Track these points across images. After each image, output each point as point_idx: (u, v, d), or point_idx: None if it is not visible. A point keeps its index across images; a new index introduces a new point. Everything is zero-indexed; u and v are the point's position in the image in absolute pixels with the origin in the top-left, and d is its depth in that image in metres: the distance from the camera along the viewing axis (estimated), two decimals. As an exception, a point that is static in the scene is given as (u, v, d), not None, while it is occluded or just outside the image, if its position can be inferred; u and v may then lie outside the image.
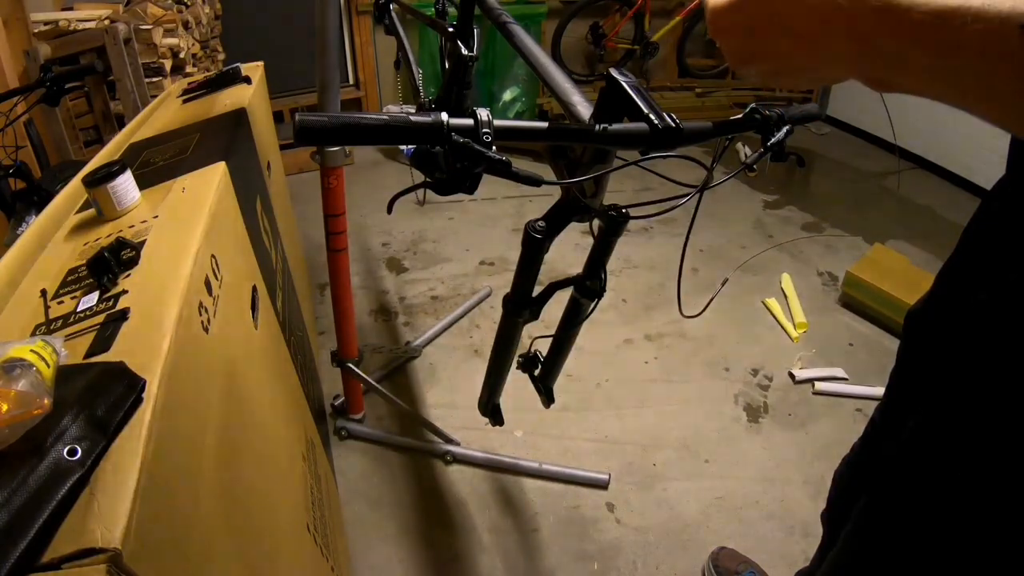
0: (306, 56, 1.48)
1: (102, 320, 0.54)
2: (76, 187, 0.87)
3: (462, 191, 0.60)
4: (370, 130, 0.52)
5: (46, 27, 1.88)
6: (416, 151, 0.59)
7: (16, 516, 0.34)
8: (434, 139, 0.54)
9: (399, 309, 2.10)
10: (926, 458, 0.59)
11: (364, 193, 2.85)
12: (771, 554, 1.31)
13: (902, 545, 0.62)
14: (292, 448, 0.89)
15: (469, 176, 0.57)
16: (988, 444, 0.52)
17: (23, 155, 1.39)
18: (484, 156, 0.53)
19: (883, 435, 0.76)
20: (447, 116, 0.53)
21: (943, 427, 0.57)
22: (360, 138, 0.52)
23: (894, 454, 0.66)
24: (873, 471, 0.75)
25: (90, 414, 0.41)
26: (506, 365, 1.08)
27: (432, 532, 1.36)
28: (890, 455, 0.68)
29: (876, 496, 0.67)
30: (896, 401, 0.72)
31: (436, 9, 1.52)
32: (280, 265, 1.20)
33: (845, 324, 2.03)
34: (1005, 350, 0.50)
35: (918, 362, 0.66)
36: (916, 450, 0.61)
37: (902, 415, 0.69)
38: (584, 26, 3.47)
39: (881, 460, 0.72)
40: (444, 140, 0.54)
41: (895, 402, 0.73)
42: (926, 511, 0.60)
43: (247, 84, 1.29)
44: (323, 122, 0.50)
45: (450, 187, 0.60)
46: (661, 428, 1.63)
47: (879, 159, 3.14)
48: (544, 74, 0.81)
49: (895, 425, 0.72)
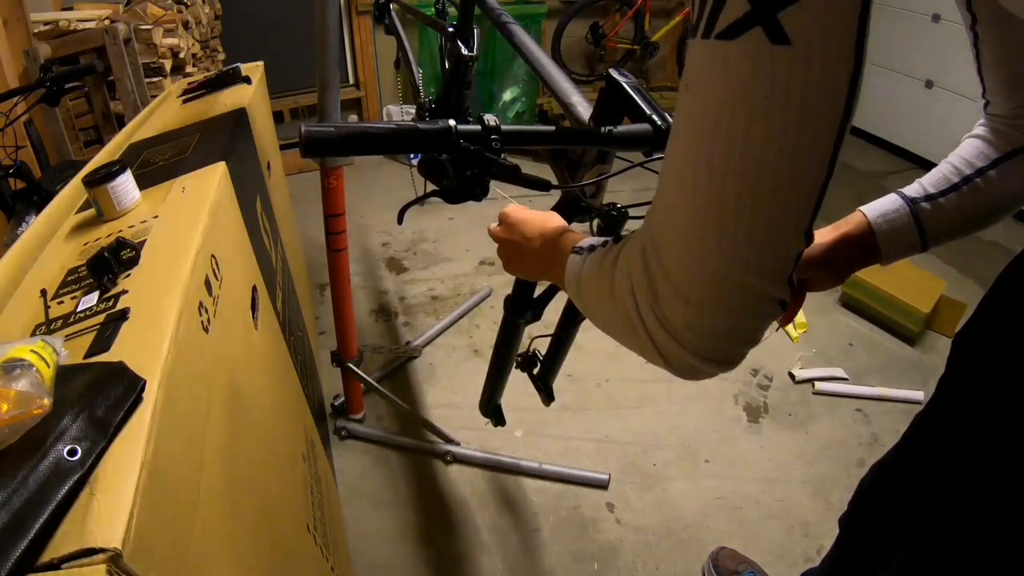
0: (306, 56, 1.48)
1: (102, 320, 0.54)
2: (76, 187, 0.87)
3: (472, 199, 0.59)
4: (377, 140, 0.51)
5: (46, 27, 1.88)
6: (423, 158, 0.58)
7: (16, 516, 0.34)
8: (442, 147, 0.53)
9: (399, 309, 2.10)
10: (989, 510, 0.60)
11: (364, 193, 2.85)
12: (771, 554, 1.31)
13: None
14: (292, 448, 0.89)
15: (479, 183, 0.57)
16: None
17: (23, 155, 1.39)
18: (495, 163, 0.53)
19: (927, 454, 0.76)
20: (455, 123, 0.53)
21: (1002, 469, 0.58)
22: (367, 148, 0.51)
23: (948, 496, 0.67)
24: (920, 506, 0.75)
25: (90, 414, 0.41)
26: (507, 366, 1.08)
27: (432, 532, 1.36)
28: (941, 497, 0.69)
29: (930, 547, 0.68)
30: (942, 421, 0.72)
31: (436, 9, 1.52)
32: (280, 265, 1.20)
33: (845, 324, 2.03)
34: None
35: (967, 383, 0.67)
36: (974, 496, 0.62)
37: (946, 434, 0.69)
38: (584, 26, 3.47)
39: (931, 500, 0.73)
40: (453, 147, 0.53)
41: (941, 422, 0.73)
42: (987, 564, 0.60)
43: (247, 84, 1.29)
44: (329, 133, 0.49)
45: (460, 195, 0.59)
46: (661, 428, 1.63)
47: (879, 159, 3.14)
48: (544, 74, 0.81)
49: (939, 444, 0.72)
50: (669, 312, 0.35)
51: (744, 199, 0.31)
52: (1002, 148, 0.60)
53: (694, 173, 0.32)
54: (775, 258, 0.33)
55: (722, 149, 0.31)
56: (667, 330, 0.36)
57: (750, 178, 0.30)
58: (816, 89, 0.29)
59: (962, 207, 0.61)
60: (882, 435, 1.62)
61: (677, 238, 0.34)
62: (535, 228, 0.60)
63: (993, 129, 0.61)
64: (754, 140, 0.30)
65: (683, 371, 0.38)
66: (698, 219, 0.33)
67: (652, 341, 0.37)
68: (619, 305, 0.40)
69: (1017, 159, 0.59)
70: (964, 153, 0.62)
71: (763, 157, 0.30)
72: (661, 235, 0.35)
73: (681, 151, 0.33)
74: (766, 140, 0.30)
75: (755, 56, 0.28)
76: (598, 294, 0.43)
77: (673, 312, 0.35)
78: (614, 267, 0.41)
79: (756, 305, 0.34)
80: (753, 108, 0.29)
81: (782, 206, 0.31)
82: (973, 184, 0.61)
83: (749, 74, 0.29)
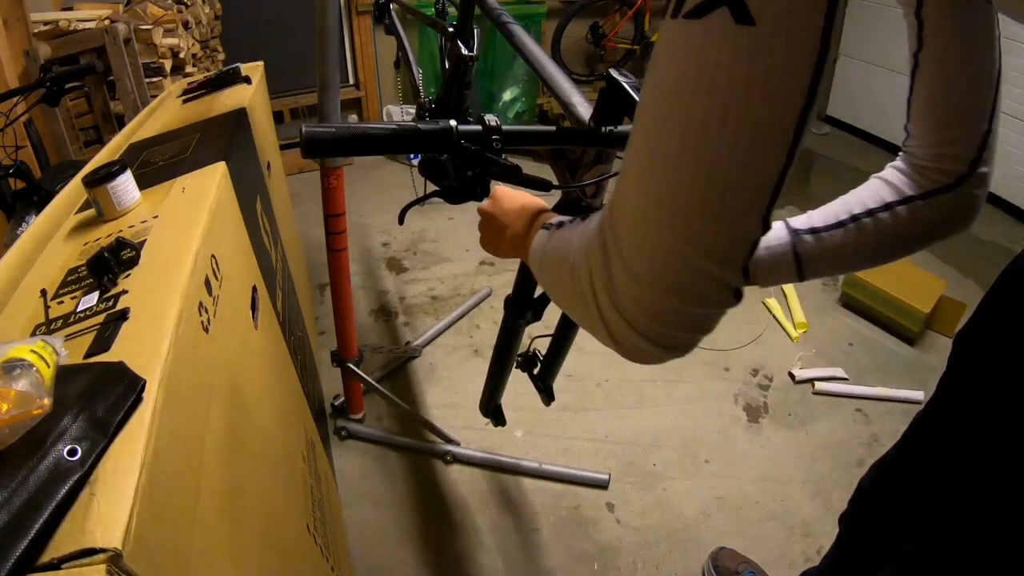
0: (306, 56, 1.48)
1: (102, 320, 0.54)
2: (76, 187, 0.87)
3: (472, 199, 0.59)
4: (378, 140, 0.51)
5: (46, 27, 1.88)
6: (424, 159, 0.58)
7: (16, 516, 0.34)
8: (443, 147, 0.53)
9: (399, 309, 2.10)
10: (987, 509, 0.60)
11: (364, 193, 2.85)
12: (771, 554, 1.31)
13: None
14: (292, 448, 0.89)
15: (480, 183, 0.57)
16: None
17: (23, 155, 1.39)
18: (496, 163, 0.53)
19: (926, 454, 0.76)
20: (456, 123, 0.53)
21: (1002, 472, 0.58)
22: (368, 148, 0.51)
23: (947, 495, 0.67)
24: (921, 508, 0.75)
25: (90, 414, 0.41)
26: (508, 367, 1.08)
27: (432, 532, 1.36)
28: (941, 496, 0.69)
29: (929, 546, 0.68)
30: (942, 420, 0.72)
31: (436, 9, 1.52)
32: (280, 265, 1.20)
33: (845, 324, 2.03)
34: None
35: (967, 383, 0.67)
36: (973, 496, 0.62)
37: (947, 434, 0.69)
38: (584, 26, 3.47)
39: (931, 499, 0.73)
40: (454, 148, 0.53)
41: (941, 422, 0.73)
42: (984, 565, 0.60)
43: (247, 84, 1.29)
44: (330, 134, 0.49)
45: (461, 195, 0.59)
46: (661, 428, 1.63)
47: (879, 159, 3.12)
48: (544, 74, 0.81)
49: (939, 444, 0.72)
50: (621, 290, 0.35)
51: (699, 179, 0.31)
52: (924, 186, 0.58)
53: (652, 150, 0.32)
54: (729, 242, 0.32)
55: (680, 128, 0.31)
56: (618, 309, 0.36)
57: (706, 159, 0.30)
58: (778, 73, 0.28)
59: (845, 244, 0.61)
60: (882, 435, 1.62)
61: (632, 215, 0.34)
62: (516, 204, 0.61)
63: (913, 166, 0.59)
64: (712, 121, 0.29)
65: (631, 353, 0.38)
66: (652, 196, 0.32)
67: (603, 319, 0.37)
68: (576, 280, 0.39)
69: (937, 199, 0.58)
70: (861, 193, 0.61)
71: (720, 138, 0.30)
72: (619, 212, 0.35)
73: (641, 128, 0.33)
74: (723, 121, 0.29)
75: (719, 36, 0.28)
76: (559, 269, 0.43)
77: (625, 290, 0.35)
78: (576, 242, 0.41)
79: (706, 290, 0.33)
80: (713, 88, 0.29)
81: (738, 190, 0.31)
82: (861, 223, 0.60)
83: (712, 54, 0.29)
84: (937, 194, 0.58)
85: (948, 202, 0.57)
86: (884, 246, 0.60)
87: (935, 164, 0.57)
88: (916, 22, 0.54)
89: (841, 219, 0.61)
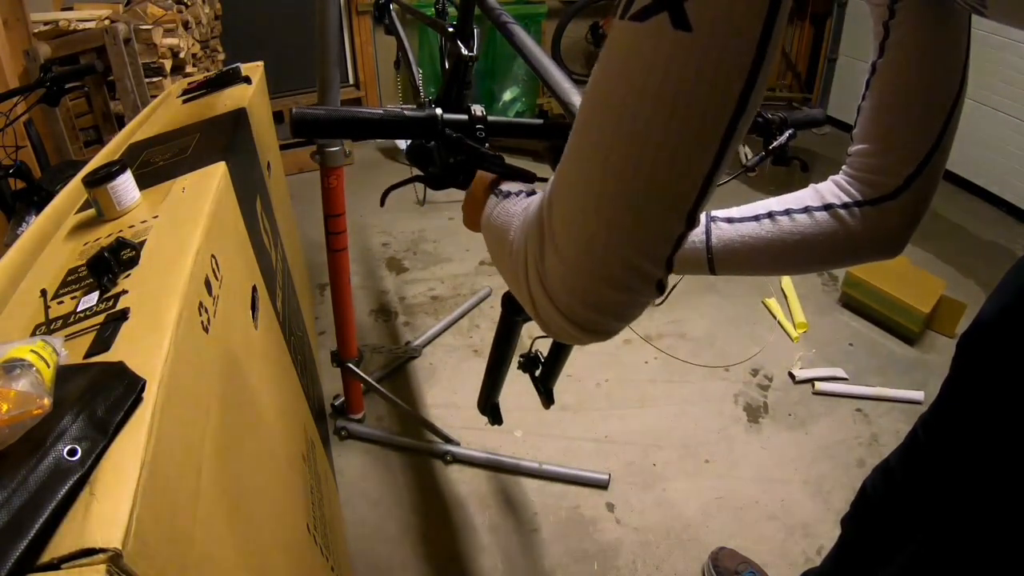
0: (306, 56, 1.48)
1: (102, 320, 0.54)
2: (76, 187, 0.87)
3: (455, 186, 0.61)
4: (365, 124, 0.52)
5: (46, 27, 1.88)
6: (411, 146, 0.60)
7: (16, 516, 0.34)
8: (428, 133, 0.54)
9: (399, 309, 2.10)
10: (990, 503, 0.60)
11: (364, 193, 2.85)
12: (771, 554, 1.31)
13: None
14: (292, 448, 0.89)
15: (463, 171, 0.58)
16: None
17: (23, 155, 1.39)
18: (477, 151, 0.54)
19: (931, 455, 0.76)
20: (441, 111, 0.54)
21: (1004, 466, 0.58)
22: (355, 131, 0.52)
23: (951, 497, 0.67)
24: (924, 507, 0.75)
25: (90, 414, 0.41)
26: (505, 364, 1.07)
27: (432, 532, 1.36)
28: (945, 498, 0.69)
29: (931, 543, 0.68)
30: (948, 423, 0.72)
31: (436, 9, 1.52)
32: (280, 265, 1.20)
33: (845, 324, 2.03)
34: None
35: (973, 386, 0.67)
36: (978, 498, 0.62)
37: (952, 436, 0.69)
38: (584, 26, 3.47)
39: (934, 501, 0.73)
40: (437, 134, 0.54)
41: (947, 424, 0.73)
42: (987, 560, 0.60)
43: (247, 84, 1.29)
44: (319, 115, 0.50)
45: (443, 182, 0.61)
46: (661, 428, 1.63)
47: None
48: (544, 74, 0.81)
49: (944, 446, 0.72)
50: (550, 271, 0.36)
51: (626, 175, 0.32)
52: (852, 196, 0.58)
53: (587, 142, 0.34)
54: (653, 235, 0.33)
55: (612, 124, 0.32)
56: (545, 288, 0.37)
57: (633, 156, 0.31)
58: (710, 79, 0.29)
59: (757, 237, 0.60)
60: (882, 435, 1.62)
61: (566, 200, 0.35)
62: (488, 177, 0.62)
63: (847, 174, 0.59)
64: (640, 120, 0.30)
65: (553, 331, 0.39)
66: (584, 185, 0.34)
67: (531, 295, 0.39)
68: (513, 253, 0.41)
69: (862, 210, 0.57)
70: (787, 195, 0.62)
71: (647, 138, 0.30)
72: (556, 196, 0.36)
73: (581, 118, 0.34)
74: (651, 122, 0.30)
75: (657, 39, 0.29)
76: (501, 239, 0.45)
77: (553, 269, 0.36)
78: (517, 222, 0.43)
79: (629, 279, 0.34)
80: (645, 90, 0.30)
81: (662, 187, 0.32)
82: (775, 219, 0.60)
83: (649, 56, 0.30)
84: (861, 205, 0.57)
85: (871, 216, 0.57)
86: (797, 249, 0.59)
87: (865, 174, 0.57)
88: (882, 31, 0.53)
89: (758, 213, 0.62)
